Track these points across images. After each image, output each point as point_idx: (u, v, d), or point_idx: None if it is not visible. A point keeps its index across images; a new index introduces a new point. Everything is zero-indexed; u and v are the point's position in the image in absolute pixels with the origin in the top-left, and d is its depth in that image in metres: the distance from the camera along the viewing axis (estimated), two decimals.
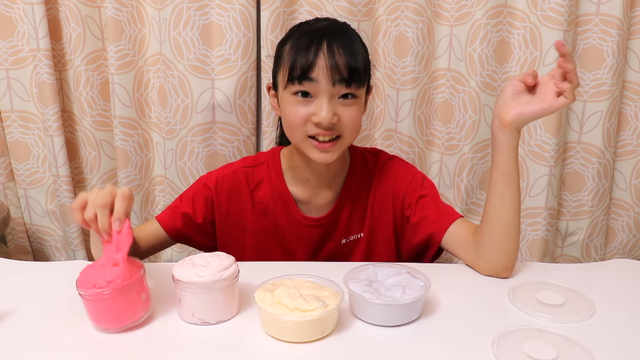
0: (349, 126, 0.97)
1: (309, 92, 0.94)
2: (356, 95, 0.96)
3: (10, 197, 1.61)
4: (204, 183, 1.09)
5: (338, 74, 0.93)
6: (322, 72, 0.92)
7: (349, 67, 0.93)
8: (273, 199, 1.08)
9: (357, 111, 0.97)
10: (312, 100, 0.95)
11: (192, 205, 1.08)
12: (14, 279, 0.95)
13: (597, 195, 1.54)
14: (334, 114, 0.94)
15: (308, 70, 0.93)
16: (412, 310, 0.81)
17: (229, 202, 1.08)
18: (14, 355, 0.73)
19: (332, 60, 0.92)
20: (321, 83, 0.93)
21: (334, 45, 0.93)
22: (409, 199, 1.06)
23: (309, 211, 1.08)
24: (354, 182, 1.08)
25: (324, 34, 0.95)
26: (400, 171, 1.09)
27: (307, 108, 0.95)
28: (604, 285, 0.94)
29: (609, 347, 0.76)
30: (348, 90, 0.94)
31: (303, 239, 1.08)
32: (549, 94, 0.89)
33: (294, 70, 0.94)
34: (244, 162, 1.12)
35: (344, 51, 0.93)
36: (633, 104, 1.49)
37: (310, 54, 0.93)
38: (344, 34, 0.97)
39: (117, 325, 0.79)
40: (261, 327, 0.79)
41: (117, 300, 0.77)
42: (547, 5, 1.38)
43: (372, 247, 1.09)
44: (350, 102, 0.96)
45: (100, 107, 1.53)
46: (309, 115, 0.95)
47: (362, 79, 0.96)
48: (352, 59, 0.93)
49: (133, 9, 1.45)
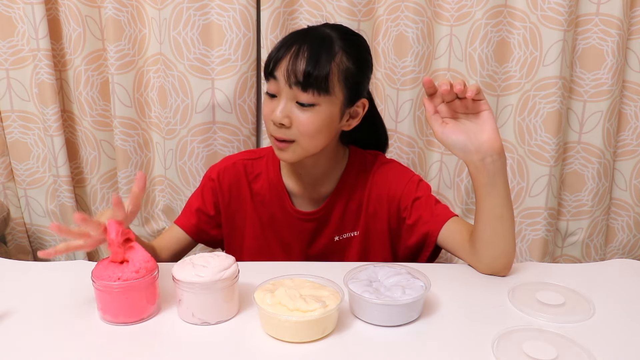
0: (301, 131, 0.97)
1: (274, 91, 0.98)
2: (314, 103, 0.96)
3: (10, 197, 1.61)
4: (208, 176, 1.14)
5: (294, 77, 0.94)
6: (281, 72, 0.96)
7: (305, 72, 0.94)
8: (269, 192, 1.11)
9: (312, 118, 0.97)
10: (276, 99, 0.98)
11: (202, 200, 1.13)
12: (14, 279, 0.95)
13: (597, 195, 1.54)
14: (285, 115, 0.96)
15: (274, 67, 0.97)
16: (412, 311, 0.81)
17: (230, 192, 1.12)
18: (14, 355, 0.74)
19: (293, 63, 0.94)
20: (280, 82, 0.96)
21: (302, 49, 0.95)
22: (405, 201, 1.07)
23: (302, 205, 1.10)
24: (349, 181, 1.09)
25: (301, 37, 0.98)
26: (397, 174, 1.09)
27: (271, 106, 0.99)
28: (604, 285, 0.94)
29: (609, 347, 0.76)
30: (305, 94, 0.95)
31: (296, 232, 1.10)
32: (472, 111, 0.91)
33: (267, 64, 0.99)
34: (245, 154, 1.16)
35: (308, 56, 0.95)
36: (633, 104, 1.49)
37: (279, 52, 0.97)
38: (321, 40, 0.97)
39: (129, 318, 0.81)
40: (261, 327, 0.79)
41: (130, 294, 0.80)
42: (547, 5, 1.38)
43: (367, 246, 1.10)
44: (306, 108, 0.96)
45: (100, 107, 1.53)
46: (270, 112, 0.98)
47: (321, 87, 0.95)
48: (312, 65, 0.94)
49: (133, 9, 1.45)
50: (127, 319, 0.81)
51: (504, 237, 0.94)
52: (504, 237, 0.94)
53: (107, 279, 0.79)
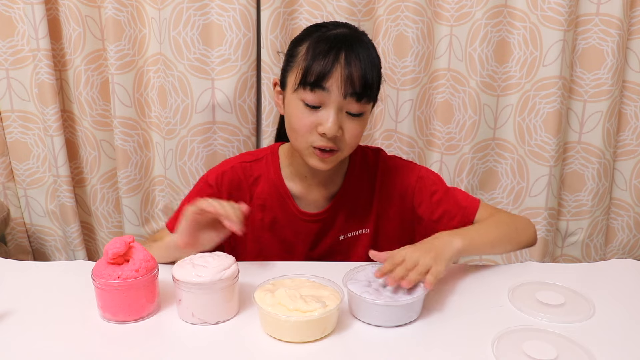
0: (350, 141, 0.96)
1: (319, 102, 0.93)
2: (364, 111, 0.96)
3: (10, 197, 1.61)
4: (205, 181, 1.10)
5: (351, 87, 0.91)
6: (335, 83, 0.91)
7: (363, 81, 0.92)
8: (270, 195, 1.08)
9: (361, 127, 0.97)
10: (319, 110, 0.93)
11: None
12: (14, 279, 0.95)
13: (597, 195, 1.54)
14: (339, 127, 0.93)
15: (322, 78, 0.91)
16: (411, 311, 0.81)
17: (229, 197, 1.08)
18: (14, 355, 0.74)
19: (348, 72, 0.91)
20: (332, 94, 0.92)
21: (352, 56, 0.92)
22: (418, 196, 1.07)
23: (306, 206, 1.08)
24: (353, 180, 1.09)
25: (343, 42, 0.93)
26: (404, 169, 1.09)
27: (314, 117, 0.94)
28: (604, 285, 0.94)
29: (609, 347, 0.75)
30: (357, 104, 0.93)
31: (301, 233, 1.09)
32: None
33: (307, 75, 0.92)
34: (242, 157, 1.12)
35: (362, 67, 0.92)
36: (633, 104, 1.49)
37: (327, 62, 0.91)
38: (366, 50, 0.95)
39: (129, 317, 0.81)
40: (261, 327, 0.79)
41: (130, 293, 0.80)
42: (547, 5, 1.38)
43: (378, 244, 1.09)
44: (356, 118, 0.95)
45: (100, 107, 1.53)
46: (315, 124, 0.94)
47: (372, 95, 0.95)
48: (369, 76, 0.92)
49: (133, 9, 1.45)
50: (126, 317, 0.81)
51: (509, 247, 1.02)
52: (509, 247, 1.02)
53: (107, 277, 0.79)
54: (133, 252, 0.82)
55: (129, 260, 0.81)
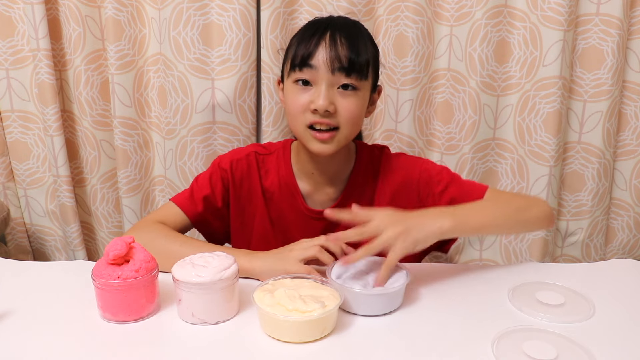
0: (346, 117, 0.97)
1: (309, 80, 0.96)
2: (357, 87, 0.97)
3: (10, 197, 1.61)
4: (218, 164, 1.10)
5: (337, 62, 0.94)
6: (321, 60, 0.94)
7: (349, 57, 0.94)
8: (280, 189, 1.09)
9: (355, 103, 0.97)
10: (312, 88, 0.96)
11: (210, 187, 1.09)
12: (14, 279, 0.95)
13: (597, 195, 1.54)
14: (330, 102, 0.95)
15: (308, 57, 0.95)
16: (394, 299, 0.84)
17: (242, 185, 1.10)
18: (14, 355, 0.74)
19: (333, 50, 0.94)
20: (320, 70, 0.95)
21: (337, 35, 0.95)
22: (424, 189, 1.07)
23: (313, 204, 1.09)
24: (359, 177, 1.09)
25: (328, 25, 0.97)
26: (408, 165, 1.10)
27: (306, 96, 0.97)
28: (604, 285, 0.94)
29: (609, 347, 0.76)
30: (348, 80, 0.95)
31: (306, 230, 1.09)
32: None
33: (295, 58, 0.97)
34: (256, 147, 1.13)
35: (346, 42, 0.95)
36: (633, 104, 1.49)
37: (312, 43, 0.95)
38: (351, 27, 0.99)
39: (129, 317, 0.81)
40: (261, 327, 0.79)
41: (130, 293, 0.80)
42: (547, 5, 1.38)
43: None
44: (349, 93, 0.96)
45: (100, 107, 1.53)
46: (308, 102, 0.96)
47: (363, 71, 0.96)
48: (353, 50, 0.95)
49: (133, 9, 1.45)
50: (126, 317, 0.81)
51: (510, 228, 1.02)
52: (510, 228, 1.02)
53: (107, 277, 0.79)
54: (133, 252, 0.82)
55: (129, 260, 0.81)
